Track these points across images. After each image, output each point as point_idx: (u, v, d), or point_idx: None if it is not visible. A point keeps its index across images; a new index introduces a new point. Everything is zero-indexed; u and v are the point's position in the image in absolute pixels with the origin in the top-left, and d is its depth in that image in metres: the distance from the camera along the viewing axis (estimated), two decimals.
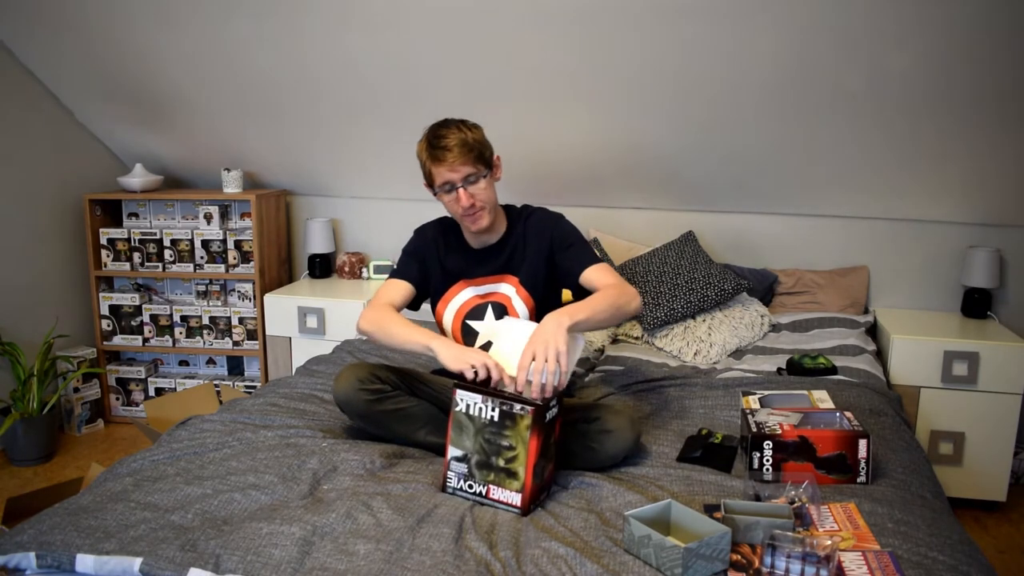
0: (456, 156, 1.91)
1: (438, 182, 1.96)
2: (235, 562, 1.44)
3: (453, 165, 1.92)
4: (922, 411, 2.77)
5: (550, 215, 2.12)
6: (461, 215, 1.99)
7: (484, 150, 1.97)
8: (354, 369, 1.97)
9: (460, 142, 1.92)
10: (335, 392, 1.96)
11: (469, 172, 1.93)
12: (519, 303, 2.07)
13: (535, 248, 2.07)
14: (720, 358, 2.78)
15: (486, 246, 2.11)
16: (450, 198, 1.97)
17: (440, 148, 1.92)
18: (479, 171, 1.95)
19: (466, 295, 2.11)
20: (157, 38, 2.96)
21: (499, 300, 2.09)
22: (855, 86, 2.59)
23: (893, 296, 3.18)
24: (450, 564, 1.45)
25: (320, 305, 3.24)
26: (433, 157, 1.94)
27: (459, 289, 2.11)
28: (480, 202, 1.96)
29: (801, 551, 1.40)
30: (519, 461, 1.66)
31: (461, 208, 1.96)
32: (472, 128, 1.97)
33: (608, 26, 2.55)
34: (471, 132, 1.96)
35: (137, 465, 1.84)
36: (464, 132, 1.94)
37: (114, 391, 3.60)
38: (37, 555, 1.49)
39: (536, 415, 1.64)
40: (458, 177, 1.93)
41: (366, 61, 2.88)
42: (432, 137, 1.96)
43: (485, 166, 1.97)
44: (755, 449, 1.82)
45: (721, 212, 3.25)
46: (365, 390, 1.93)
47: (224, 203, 3.51)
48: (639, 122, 2.92)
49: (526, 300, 2.08)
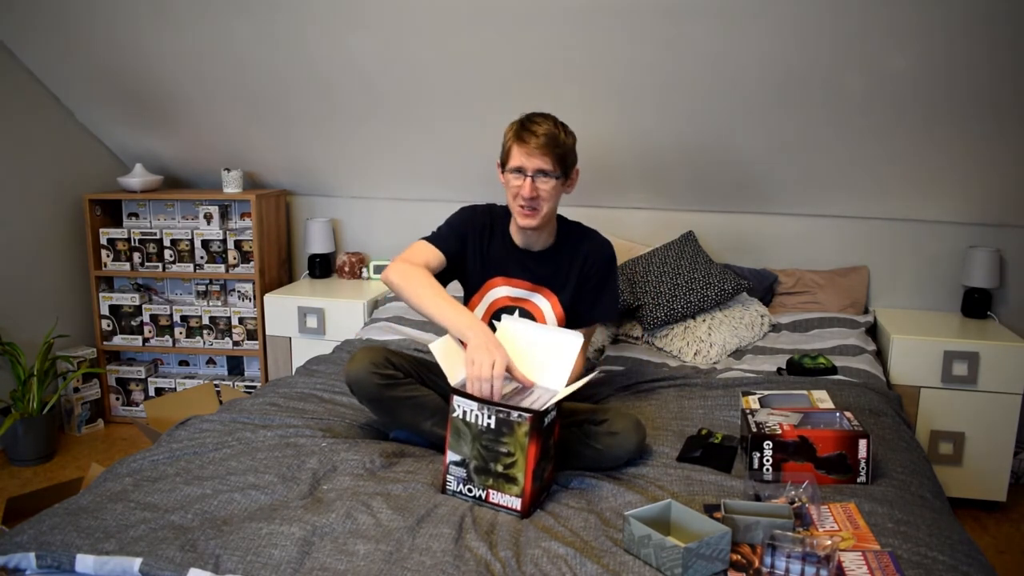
0: (540, 145, 1.89)
1: (512, 163, 1.93)
2: (235, 562, 1.44)
3: (533, 152, 1.89)
4: (922, 411, 2.77)
5: (606, 246, 2.11)
6: (517, 204, 1.96)
7: (568, 156, 1.96)
8: (369, 352, 1.96)
9: (550, 135, 1.90)
10: (347, 372, 1.94)
11: (544, 167, 1.91)
12: (552, 319, 2.07)
13: (581, 273, 2.06)
14: (720, 358, 2.78)
15: (531, 250, 2.08)
16: (516, 182, 1.94)
17: (528, 132, 1.90)
18: (554, 171, 1.92)
19: (500, 292, 2.09)
20: (157, 38, 2.96)
21: (530, 309, 2.08)
22: (855, 86, 2.59)
23: (893, 296, 3.18)
24: (450, 564, 1.45)
25: (320, 305, 3.24)
26: (519, 137, 1.92)
27: (495, 284, 2.09)
28: (541, 201, 1.93)
29: (801, 551, 1.40)
30: (518, 467, 1.65)
31: (521, 196, 1.93)
32: (568, 133, 1.97)
33: (608, 26, 2.55)
34: (565, 135, 1.94)
35: (137, 465, 1.84)
36: (558, 130, 1.93)
37: (114, 391, 3.60)
38: (37, 555, 1.49)
39: (534, 422, 1.63)
40: (532, 166, 1.91)
41: (367, 61, 2.88)
42: (526, 119, 1.95)
43: (562, 170, 1.94)
44: (755, 449, 1.82)
45: (721, 212, 3.25)
46: (378, 374, 1.92)
47: (224, 203, 3.51)
48: (639, 122, 2.92)
49: (560, 318, 2.07)
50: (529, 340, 1.85)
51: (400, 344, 2.80)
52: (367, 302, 3.23)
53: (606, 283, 2.09)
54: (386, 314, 3.13)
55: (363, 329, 3.09)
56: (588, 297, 2.08)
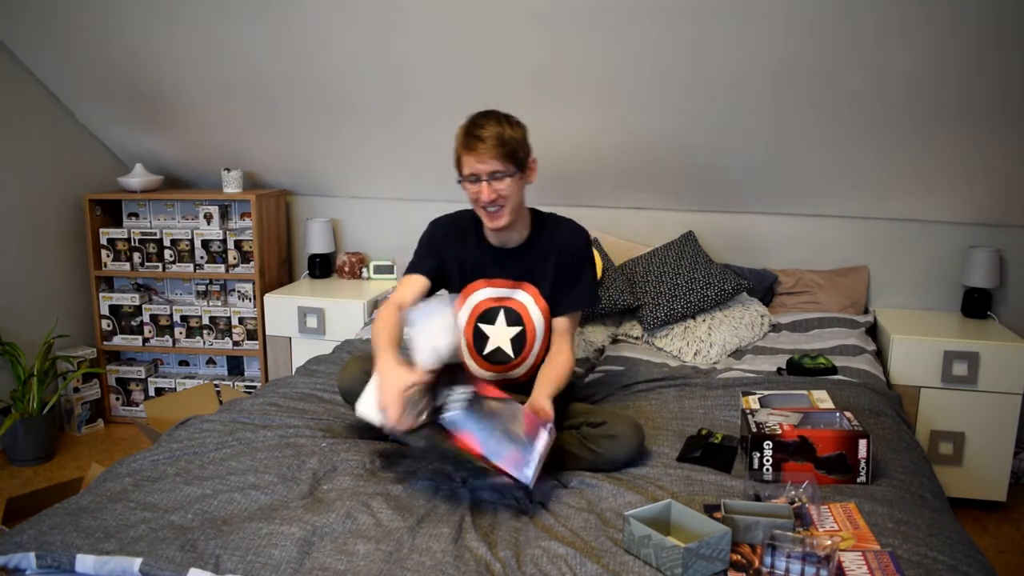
0: (488, 149, 1.86)
1: (465, 171, 1.91)
2: (235, 562, 1.44)
3: (483, 157, 1.87)
4: (922, 411, 2.77)
5: (580, 233, 2.09)
6: (481, 209, 1.95)
7: (519, 149, 1.91)
8: (360, 361, 1.96)
9: (496, 136, 1.87)
10: (340, 382, 1.95)
11: (497, 168, 1.88)
12: (536, 313, 2.05)
13: (558, 262, 2.05)
14: (720, 358, 2.78)
15: (507, 247, 2.06)
16: (473, 189, 1.92)
17: (474, 137, 1.88)
18: (508, 169, 1.89)
19: (482, 295, 2.07)
20: (157, 38, 2.96)
21: (514, 307, 2.06)
22: (856, 86, 2.59)
23: (893, 296, 3.18)
24: (450, 564, 1.45)
25: (320, 305, 3.24)
26: (465, 145, 1.89)
27: (476, 288, 2.08)
28: (502, 200, 1.91)
29: (801, 551, 1.40)
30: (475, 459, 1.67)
31: (482, 202, 1.92)
32: (514, 125, 1.92)
33: (608, 26, 2.55)
34: (511, 129, 1.90)
35: (137, 465, 1.84)
36: (503, 127, 1.89)
37: (114, 391, 3.60)
38: (37, 555, 1.49)
39: (436, 427, 1.67)
40: (485, 170, 1.88)
41: (367, 61, 2.88)
42: (470, 125, 1.91)
43: (516, 166, 1.91)
44: (755, 449, 1.82)
45: (721, 212, 3.25)
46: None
47: (224, 203, 3.51)
48: (639, 122, 2.92)
49: (543, 311, 2.06)
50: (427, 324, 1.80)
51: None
52: (367, 302, 3.23)
53: (582, 270, 2.07)
54: None
55: (363, 329, 3.09)
56: (566, 285, 2.05)
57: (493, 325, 2.06)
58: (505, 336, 2.06)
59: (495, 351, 2.07)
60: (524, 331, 2.05)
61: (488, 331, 2.06)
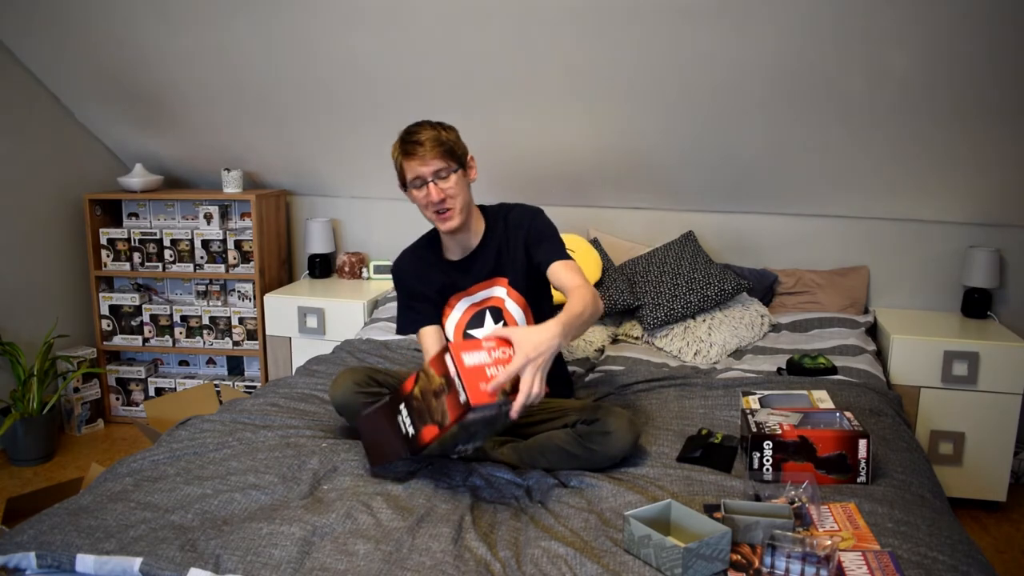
0: (427, 150, 1.90)
1: (409, 177, 1.94)
2: (235, 562, 1.44)
3: (424, 159, 1.90)
4: (922, 411, 2.77)
5: (528, 209, 2.10)
6: (431, 213, 1.97)
7: (456, 148, 1.96)
8: (351, 373, 1.97)
9: (432, 138, 1.91)
10: (332, 396, 1.97)
11: (440, 167, 1.92)
12: (512, 305, 2.06)
13: (516, 244, 2.06)
14: (720, 358, 2.78)
15: (468, 252, 2.08)
16: (420, 194, 1.94)
17: (411, 143, 1.92)
18: (450, 166, 1.93)
19: (461, 307, 2.09)
20: (157, 38, 2.96)
21: (495, 304, 2.07)
22: (855, 86, 2.59)
23: (893, 296, 3.18)
24: (450, 564, 1.45)
25: (320, 305, 3.24)
26: (404, 152, 1.93)
27: (454, 304, 2.10)
28: (451, 199, 1.94)
29: (801, 551, 1.40)
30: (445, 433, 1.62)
31: (432, 204, 1.94)
32: (447, 128, 1.97)
33: (608, 26, 2.55)
34: (445, 131, 1.95)
35: (137, 465, 1.84)
36: (437, 131, 1.94)
37: (114, 391, 3.60)
38: (37, 555, 1.48)
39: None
40: (428, 171, 1.91)
41: (367, 61, 2.88)
42: (405, 134, 1.96)
43: (457, 163, 1.95)
44: (755, 449, 1.82)
45: (721, 212, 3.25)
46: (362, 393, 1.93)
47: (224, 203, 3.51)
48: (639, 122, 2.92)
49: (518, 300, 2.06)
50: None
51: (399, 343, 2.80)
52: (367, 302, 3.23)
53: (541, 231, 2.05)
54: (386, 314, 3.13)
55: (363, 329, 3.09)
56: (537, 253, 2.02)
57: (483, 328, 2.07)
58: None
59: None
60: (506, 324, 2.06)
61: (478, 335, 2.06)
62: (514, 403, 1.59)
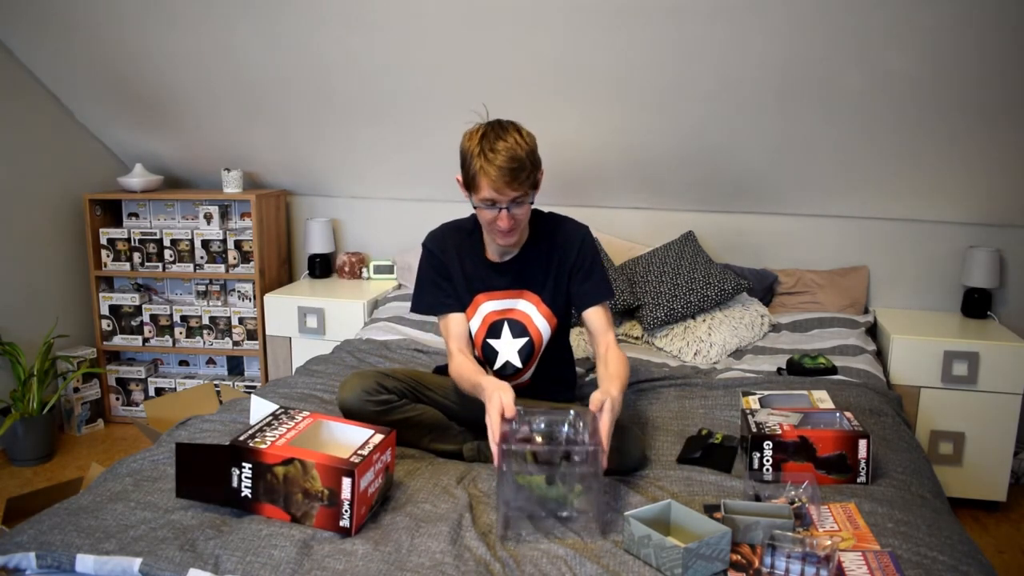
0: (507, 174, 1.77)
1: (482, 195, 1.82)
2: (234, 562, 1.44)
3: (502, 187, 1.78)
4: (922, 411, 2.77)
5: (578, 230, 2.02)
6: (495, 232, 1.89)
7: (535, 169, 1.85)
8: (360, 379, 1.92)
9: (514, 158, 1.77)
10: (341, 401, 1.92)
11: (518, 195, 1.81)
12: (541, 322, 2.01)
13: (561, 267, 1.99)
14: (720, 358, 2.78)
15: (506, 258, 2.01)
16: (490, 215, 1.85)
17: (492, 164, 1.77)
18: (528, 195, 1.84)
19: (486, 309, 2.02)
20: (157, 38, 2.96)
21: (517, 318, 2.02)
22: (855, 85, 2.59)
23: (893, 296, 3.18)
24: (449, 565, 1.45)
25: (320, 305, 3.24)
26: (484, 171, 1.78)
27: (479, 303, 2.02)
28: (518, 223, 1.87)
29: (801, 551, 1.40)
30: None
31: (499, 228, 1.86)
32: (527, 138, 1.83)
33: (608, 25, 2.55)
34: (526, 143, 1.81)
35: (137, 465, 1.84)
36: (519, 144, 1.79)
37: (114, 391, 3.60)
38: (37, 555, 1.48)
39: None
40: (504, 199, 1.81)
41: (367, 61, 2.88)
42: (488, 147, 1.79)
43: (532, 187, 1.85)
44: (755, 449, 1.82)
45: (721, 212, 3.25)
46: (371, 401, 1.90)
47: (224, 203, 3.51)
48: (639, 122, 2.92)
49: (549, 319, 2.01)
50: None
51: (400, 343, 2.80)
52: (367, 302, 3.23)
53: (592, 264, 2.01)
54: (386, 314, 3.13)
55: (363, 329, 3.09)
56: (580, 282, 1.99)
57: (499, 339, 2.03)
58: (512, 349, 2.03)
59: (504, 365, 2.04)
60: (531, 341, 2.02)
61: (496, 346, 2.03)
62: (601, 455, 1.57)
